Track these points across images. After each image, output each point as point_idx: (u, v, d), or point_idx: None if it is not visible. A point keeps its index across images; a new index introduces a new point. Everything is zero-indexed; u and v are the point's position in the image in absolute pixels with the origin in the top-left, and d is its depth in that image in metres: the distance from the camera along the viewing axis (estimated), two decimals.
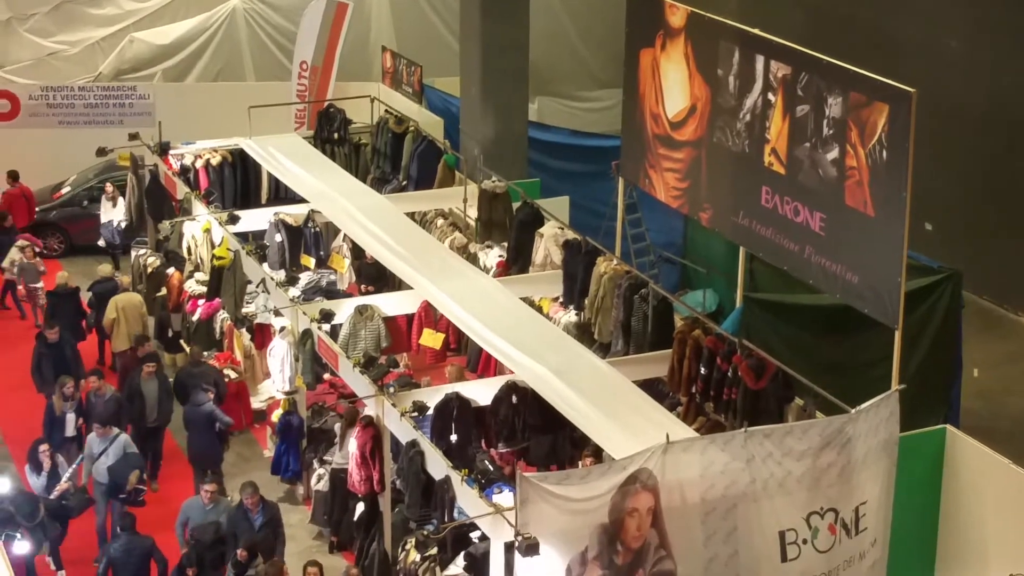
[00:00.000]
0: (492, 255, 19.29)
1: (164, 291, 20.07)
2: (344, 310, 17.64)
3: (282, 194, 21.37)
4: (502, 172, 20.17)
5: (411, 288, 17.70)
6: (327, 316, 17.26)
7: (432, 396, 15.55)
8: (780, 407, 14.68)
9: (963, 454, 14.15)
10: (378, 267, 19.19)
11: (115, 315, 19.38)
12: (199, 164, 21.44)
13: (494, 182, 19.75)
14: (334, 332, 17.33)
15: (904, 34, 22.82)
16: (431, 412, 15.32)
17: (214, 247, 19.37)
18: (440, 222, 20.26)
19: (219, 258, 18.92)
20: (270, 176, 21.46)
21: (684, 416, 15.33)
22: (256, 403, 19.06)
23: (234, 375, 18.51)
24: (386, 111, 22.94)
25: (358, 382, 15.92)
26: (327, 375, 18.08)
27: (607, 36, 27.04)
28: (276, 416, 17.64)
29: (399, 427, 15.05)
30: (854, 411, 12.73)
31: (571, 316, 17.65)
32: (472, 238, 19.77)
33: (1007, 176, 21.67)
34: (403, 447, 14.93)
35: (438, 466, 14.35)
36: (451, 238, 19.55)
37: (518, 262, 18.93)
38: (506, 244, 19.29)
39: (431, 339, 17.75)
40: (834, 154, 14.94)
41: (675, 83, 17.50)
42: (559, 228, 18.66)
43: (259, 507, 15.09)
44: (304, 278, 19.49)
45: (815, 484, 12.45)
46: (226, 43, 27.79)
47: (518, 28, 21.78)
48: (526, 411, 15.53)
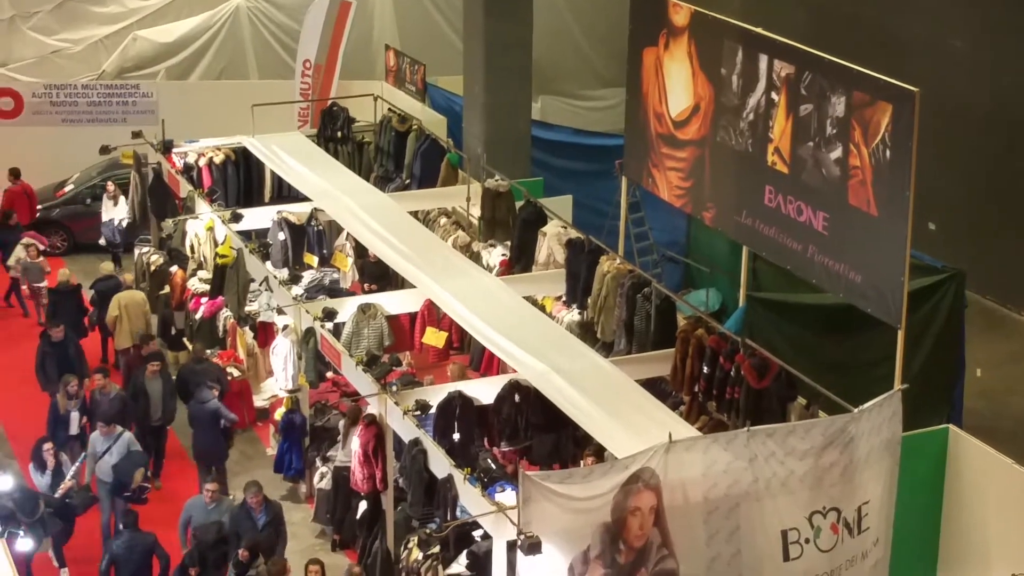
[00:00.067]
0: (495, 254, 19.28)
1: (167, 289, 20.08)
2: (347, 308, 17.62)
3: (285, 192, 21.37)
4: (505, 171, 20.13)
5: (414, 287, 17.68)
6: (330, 314, 17.27)
7: (435, 395, 15.54)
8: (783, 406, 14.67)
9: (966, 454, 14.12)
10: (380, 265, 19.17)
11: (118, 312, 19.40)
12: (202, 162, 21.44)
13: (497, 181, 19.73)
14: (337, 330, 17.31)
15: (908, 33, 22.77)
16: (434, 411, 15.32)
17: (217, 245, 19.35)
18: (443, 221, 20.25)
19: (222, 256, 18.89)
20: (273, 174, 21.47)
21: (687, 415, 15.33)
22: (259, 401, 19.04)
23: (237, 373, 18.53)
24: (389, 109, 22.91)
25: (361, 380, 15.91)
26: (330, 373, 18.10)
27: (610, 35, 27.01)
28: (279, 414, 17.64)
29: (402, 425, 15.05)
30: (857, 410, 12.72)
31: (574, 315, 17.64)
32: (475, 237, 19.75)
33: (1010, 176, 21.63)
34: (406, 445, 14.92)
35: (441, 464, 14.34)
36: (454, 237, 19.55)
37: (521, 261, 18.92)
38: (509, 243, 19.27)
39: (434, 338, 17.74)
40: (837, 153, 14.89)
41: (678, 82, 17.47)
42: (562, 227, 18.64)
43: (262, 506, 15.08)
44: (307, 276, 19.47)
45: (817, 483, 12.44)
46: (229, 41, 27.77)
47: (521, 26, 21.76)
48: (529, 410, 15.51)
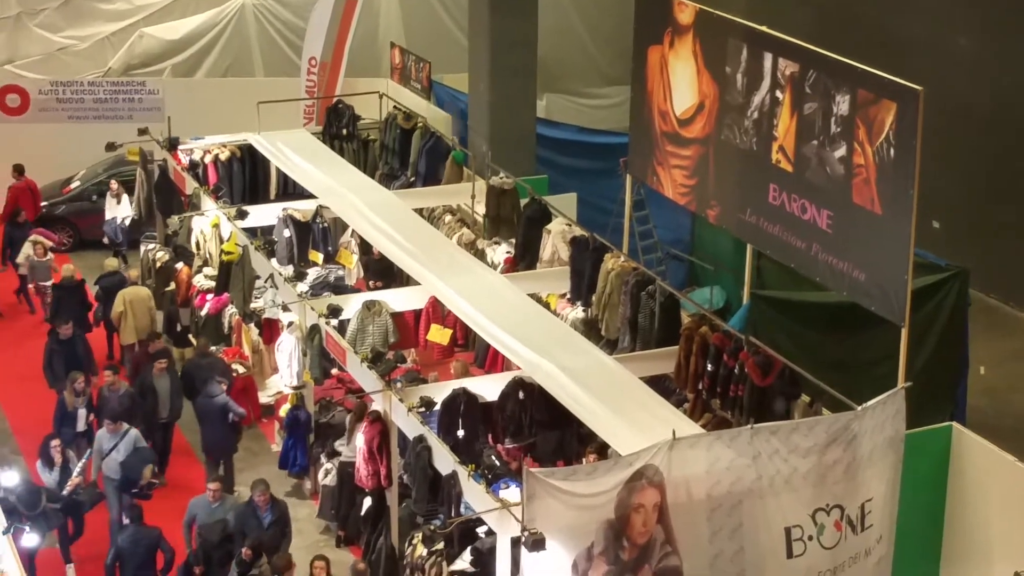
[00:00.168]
0: (500, 251, 19.29)
1: (173, 286, 20.09)
2: (352, 305, 17.60)
3: (290, 189, 21.39)
4: (510, 168, 20.12)
5: (419, 284, 17.70)
6: (335, 311, 17.23)
7: (439, 391, 15.52)
8: (786, 404, 14.67)
9: (969, 451, 14.13)
10: (384, 262, 19.16)
11: (123, 308, 19.46)
12: (208, 159, 21.48)
13: (502, 178, 19.70)
14: (342, 327, 17.29)
15: (911, 32, 22.78)
16: (438, 407, 15.29)
17: (223, 242, 19.36)
18: (448, 218, 20.28)
19: (227, 253, 18.92)
20: (279, 171, 21.49)
21: (691, 412, 15.33)
22: (264, 398, 19.08)
23: (242, 370, 18.54)
24: (395, 107, 22.93)
25: (366, 377, 15.90)
26: (335, 370, 18.09)
27: (615, 33, 27.06)
28: (284, 411, 17.70)
29: (406, 422, 15.06)
30: (860, 408, 12.69)
31: (578, 312, 17.64)
32: (480, 234, 19.75)
33: (1013, 174, 21.65)
34: (410, 442, 14.93)
35: (445, 461, 14.34)
36: (459, 234, 19.56)
37: (526, 258, 18.93)
38: (514, 240, 19.27)
39: (438, 335, 17.73)
40: (841, 152, 14.89)
41: (683, 80, 17.48)
42: (567, 225, 18.64)
43: (268, 505, 15.09)
44: (312, 273, 19.38)
45: (821, 481, 12.41)
46: (235, 39, 27.78)
47: (527, 24, 21.76)
48: (533, 407, 15.50)
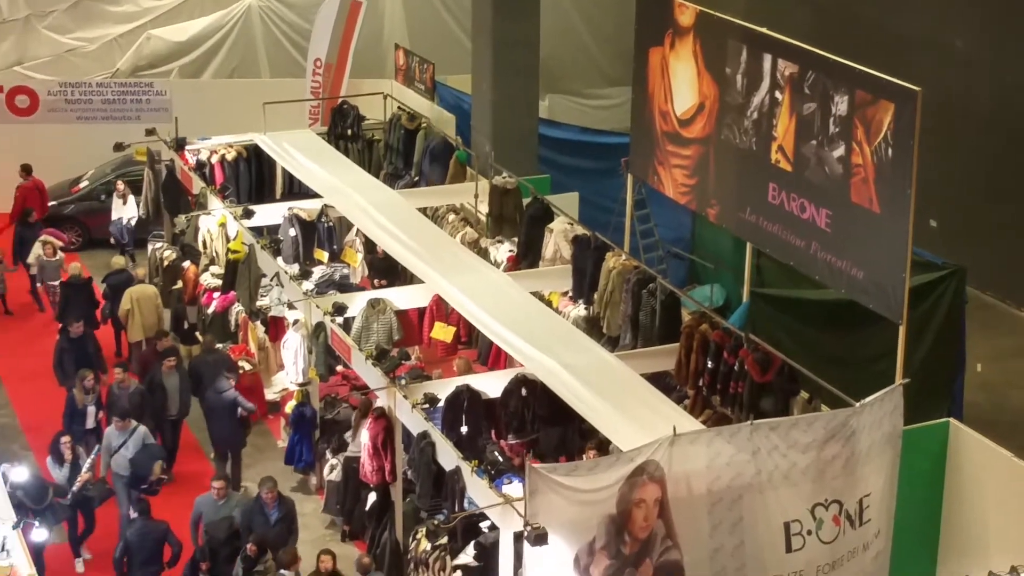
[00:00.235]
0: (502, 250, 19.33)
1: (180, 284, 20.15)
2: (357, 303, 17.64)
3: (296, 189, 21.44)
4: (513, 168, 20.17)
5: (423, 282, 17.75)
6: (340, 309, 17.30)
7: (443, 388, 15.57)
8: (786, 400, 14.68)
9: (966, 447, 14.14)
10: (388, 260, 19.21)
11: (130, 306, 19.50)
12: (215, 159, 21.54)
13: (505, 178, 19.74)
14: (347, 325, 17.34)
15: (909, 33, 22.76)
16: (442, 404, 15.35)
17: (229, 241, 19.44)
18: (451, 217, 20.33)
19: (234, 252, 18.97)
20: (284, 171, 21.54)
21: (691, 409, 15.34)
22: (270, 394, 19.10)
23: (248, 367, 18.55)
24: (399, 108, 22.98)
25: (370, 374, 15.96)
26: (340, 367, 18.10)
27: (617, 34, 27.08)
28: (290, 407, 17.72)
29: (410, 418, 15.10)
30: (859, 404, 12.75)
31: (580, 310, 17.67)
32: (483, 233, 19.79)
33: (1011, 173, 21.66)
34: (414, 438, 14.97)
35: (449, 457, 14.40)
36: (462, 233, 19.63)
37: (528, 257, 18.97)
38: (516, 239, 19.31)
39: (442, 332, 17.76)
40: (840, 151, 14.90)
41: (684, 81, 17.51)
42: (569, 224, 18.67)
43: (275, 502, 15.11)
44: (317, 272, 19.48)
45: (820, 476, 12.48)
46: (241, 40, 27.83)
47: (529, 26, 21.77)
48: (535, 403, 15.54)
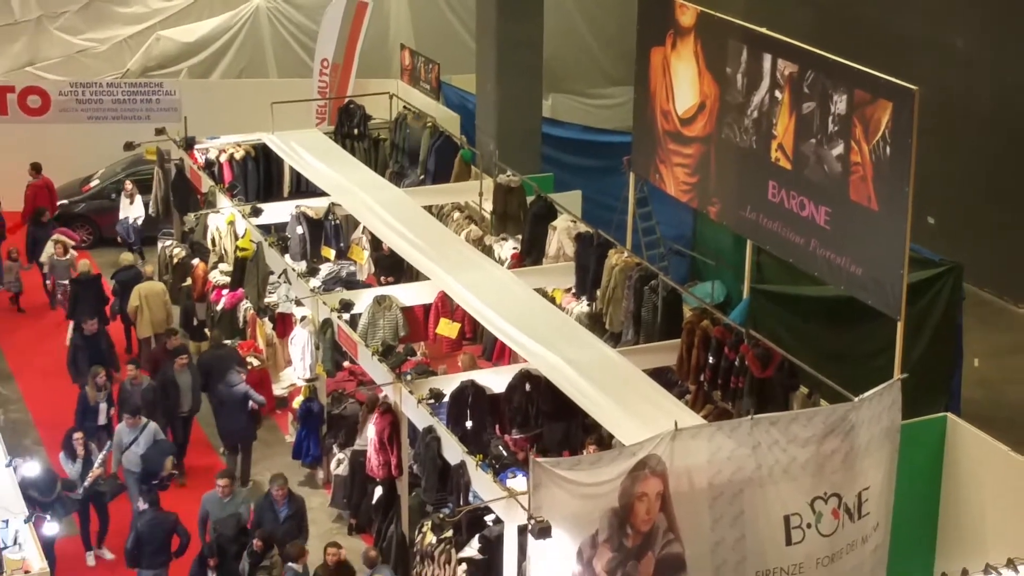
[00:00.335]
0: (507, 247, 19.40)
1: (189, 281, 20.19)
2: (363, 300, 17.69)
3: (303, 187, 21.48)
4: (517, 167, 20.21)
5: (428, 279, 17.80)
6: (347, 306, 17.33)
7: (448, 384, 15.64)
8: (785, 395, 14.76)
9: (963, 442, 14.24)
10: (393, 257, 19.26)
11: (138, 303, 19.56)
12: (223, 158, 21.58)
13: (509, 176, 19.80)
14: (353, 321, 17.39)
15: (910, 33, 22.75)
16: (447, 399, 15.42)
17: (237, 239, 19.45)
18: (456, 215, 20.38)
19: (242, 249, 19.00)
20: (292, 170, 21.60)
21: (692, 404, 15.41)
22: (278, 390, 19.17)
23: (257, 363, 18.60)
24: (404, 107, 23.00)
25: (376, 370, 16.02)
26: (347, 363, 18.00)
27: (619, 35, 27.11)
28: (297, 403, 17.78)
29: (416, 414, 15.17)
30: (857, 399, 12.80)
31: (583, 307, 17.72)
32: (487, 231, 19.84)
33: (1008, 172, 21.68)
34: (420, 433, 15.03)
35: (454, 451, 14.46)
36: (467, 231, 19.68)
37: (532, 254, 19.02)
38: (520, 237, 19.35)
39: (447, 328, 17.77)
40: (839, 150, 14.97)
41: (685, 80, 17.56)
42: (572, 221, 18.71)
43: (285, 499, 15.13)
44: (324, 269, 19.55)
45: (819, 470, 12.53)
46: (250, 41, 27.88)
47: (532, 26, 21.82)
48: (539, 399, 15.61)
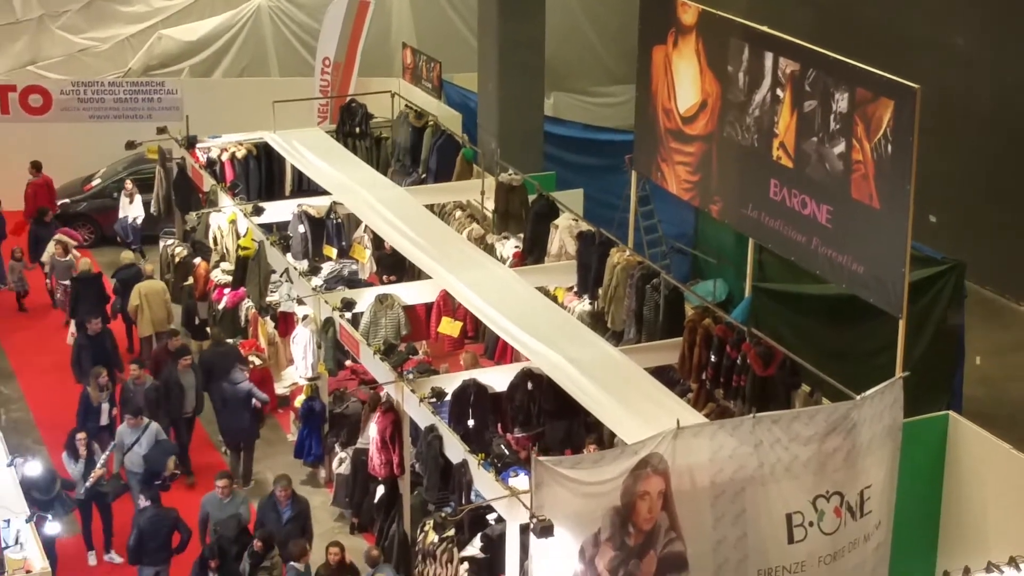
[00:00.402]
0: (508, 246, 19.39)
1: (191, 280, 20.21)
2: (365, 299, 17.73)
3: (305, 186, 21.52)
4: (518, 165, 20.21)
5: (430, 278, 17.83)
6: (348, 305, 17.37)
7: (450, 382, 15.65)
8: (787, 393, 14.78)
9: (965, 440, 14.25)
10: (395, 256, 19.29)
11: (139, 302, 19.63)
12: (225, 157, 21.60)
13: (511, 175, 19.81)
14: (355, 320, 17.43)
15: (910, 32, 22.76)
16: (449, 398, 15.44)
17: (239, 238, 19.48)
18: (458, 214, 20.41)
19: (244, 248, 19.03)
20: (294, 169, 21.63)
21: (694, 402, 15.43)
22: (280, 389, 19.20)
23: (258, 362, 18.61)
24: (406, 106, 22.97)
25: (378, 369, 16.05)
26: (348, 362, 18.14)
27: (621, 33, 27.08)
28: (299, 401, 17.81)
29: (418, 412, 15.20)
30: (859, 397, 12.84)
31: (585, 305, 17.73)
32: (489, 229, 19.86)
33: (1010, 170, 21.69)
34: (422, 432, 15.05)
35: (456, 450, 14.49)
36: (469, 229, 19.69)
37: (534, 253, 19.02)
38: (522, 235, 19.36)
39: (449, 327, 17.81)
40: (841, 148, 14.96)
41: (686, 79, 17.56)
42: (574, 220, 18.73)
43: (289, 501, 15.16)
44: (326, 268, 19.60)
45: (821, 468, 12.56)
46: (251, 40, 27.90)
47: (534, 25, 21.83)
48: (541, 397, 15.64)
